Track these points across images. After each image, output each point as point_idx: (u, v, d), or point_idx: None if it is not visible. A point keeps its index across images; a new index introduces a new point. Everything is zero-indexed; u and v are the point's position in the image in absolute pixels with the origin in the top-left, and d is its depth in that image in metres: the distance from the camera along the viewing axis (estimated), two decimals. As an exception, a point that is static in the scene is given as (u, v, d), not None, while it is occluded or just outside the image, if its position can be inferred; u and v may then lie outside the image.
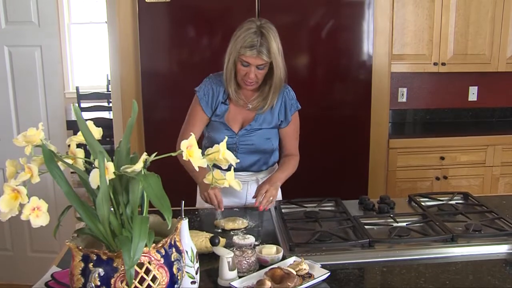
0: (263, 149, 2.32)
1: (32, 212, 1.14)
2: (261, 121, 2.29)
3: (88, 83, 7.05)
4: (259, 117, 2.28)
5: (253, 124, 2.27)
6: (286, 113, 2.31)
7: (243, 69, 2.14)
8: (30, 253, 3.63)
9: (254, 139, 2.28)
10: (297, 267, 1.56)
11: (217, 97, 2.26)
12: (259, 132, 2.29)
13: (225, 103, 2.27)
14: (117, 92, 3.36)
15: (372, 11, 3.25)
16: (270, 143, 2.32)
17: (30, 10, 3.27)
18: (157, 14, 3.15)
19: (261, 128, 2.29)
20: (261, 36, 2.08)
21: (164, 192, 1.16)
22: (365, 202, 2.24)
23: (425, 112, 4.30)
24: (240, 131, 2.28)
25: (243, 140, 2.28)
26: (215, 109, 2.27)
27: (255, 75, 2.13)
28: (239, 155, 2.28)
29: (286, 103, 2.31)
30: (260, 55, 2.08)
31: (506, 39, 3.85)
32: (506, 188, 3.80)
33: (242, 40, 2.09)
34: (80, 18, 7.19)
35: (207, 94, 2.27)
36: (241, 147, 2.29)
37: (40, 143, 1.22)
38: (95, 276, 1.17)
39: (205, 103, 2.26)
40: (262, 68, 2.13)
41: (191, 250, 1.46)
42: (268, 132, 2.31)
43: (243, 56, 2.10)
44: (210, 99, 2.26)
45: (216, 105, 2.27)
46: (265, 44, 2.08)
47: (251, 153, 2.31)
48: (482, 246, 1.82)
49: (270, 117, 2.29)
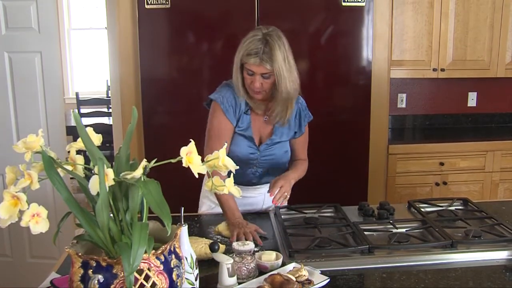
0: (282, 161, 2.28)
1: (32, 219, 1.14)
2: (281, 134, 2.23)
3: (88, 89, 7.05)
4: (277, 130, 2.22)
5: (274, 138, 2.22)
6: (301, 125, 2.27)
7: (248, 78, 2.05)
8: (29, 259, 3.62)
9: (275, 152, 2.24)
10: (297, 274, 1.56)
11: (240, 107, 2.15)
12: (279, 145, 2.24)
13: (247, 113, 2.17)
14: (117, 97, 3.36)
15: (371, 17, 3.26)
16: (288, 154, 2.30)
17: (30, 16, 3.28)
18: (157, 20, 3.16)
19: (281, 141, 2.24)
20: (265, 44, 1.99)
21: (163, 199, 1.16)
22: (365, 208, 2.24)
23: (425, 117, 4.30)
24: (262, 146, 2.22)
25: (264, 154, 2.23)
26: (238, 120, 2.16)
27: (261, 84, 2.03)
28: (259, 170, 2.25)
29: (300, 114, 2.26)
30: (262, 63, 1.98)
31: (504, 45, 3.86)
32: (506, 194, 3.80)
33: (246, 47, 2.02)
34: (80, 24, 7.21)
35: (231, 105, 2.14)
36: (261, 161, 2.24)
37: (40, 150, 1.22)
38: (95, 282, 1.16)
39: (231, 114, 2.13)
40: (267, 77, 2.02)
41: (191, 256, 1.46)
42: (286, 144, 2.29)
43: (247, 64, 2.02)
44: (234, 109, 2.14)
45: (239, 115, 2.16)
46: (268, 51, 1.98)
47: (270, 166, 2.25)
48: (481, 252, 1.81)
49: (288, 129, 2.25)
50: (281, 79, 2.02)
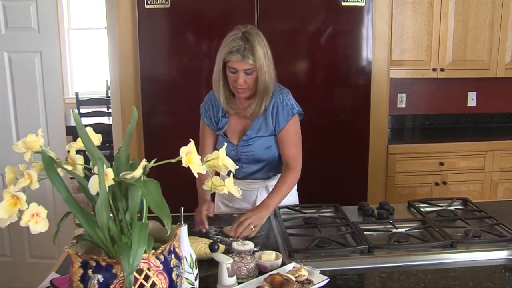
0: (265, 158, 2.28)
1: (32, 218, 1.14)
2: (257, 129, 2.24)
3: (88, 89, 7.05)
4: (255, 125, 2.24)
5: (249, 133, 2.24)
6: (279, 119, 2.22)
7: (232, 76, 2.11)
8: (29, 259, 3.62)
9: (253, 148, 2.25)
10: (296, 273, 1.56)
11: (217, 112, 2.28)
12: (258, 142, 2.25)
13: (225, 116, 2.28)
14: (117, 97, 3.36)
15: (371, 17, 3.26)
16: (271, 151, 2.27)
17: (30, 16, 3.28)
18: (156, 20, 3.16)
19: (258, 136, 2.24)
20: (245, 41, 2.05)
21: (163, 199, 1.16)
22: (364, 208, 2.24)
23: (424, 117, 4.30)
24: (239, 142, 2.26)
25: (244, 150, 2.26)
26: (217, 123, 2.30)
27: (245, 81, 2.09)
28: (244, 165, 2.30)
29: (278, 108, 2.21)
30: (244, 59, 2.05)
31: (504, 45, 3.86)
32: (505, 194, 3.80)
33: (227, 46, 2.08)
34: (80, 23, 7.21)
35: (208, 110, 2.31)
36: (243, 157, 2.28)
37: (39, 150, 1.22)
38: (94, 282, 1.16)
39: (208, 119, 2.31)
40: (250, 73, 2.08)
41: (190, 256, 1.46)
42: (268, 141, 2.25)
43: (229, 62, 2.08)
44: (211, 114, 2.30)
45: (217, 119, 2.29)
46: (249, 47, 2.05)
47: (254, 163, 2.29)
48: (481, 252, 1.81)
49: (265, 124, 2.23)
50: (262, 73, 2.10)
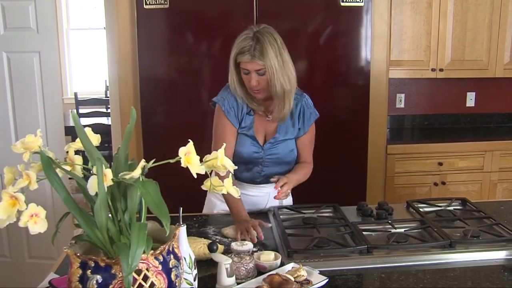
0: (288, 160, 2.27)
1: (30, 219, 1.14)
2: (284, 132, 2.23)
3: (87, 89, 7.05)
4: (281, 128, 2.23)
5: (277, 136, 2.22)
6: (304, 122, 2.25)
7: (246, 77, 2.09)
8: (28, 260, 3.62)
9: (279, 151, 2.24)
10: (295, 274, 1.56)
11: (242, 109, 2.19)
12: (283, 144, 2.24)
13: (250, 114, 2.20)
14: (116, 98, 3.36)
15: (370, 17, 3.26)
16: (293, 154, 2.28)
17: (28, 16, 3.28)
18: (155, 20, 3.16)
19: (285, 139, 2.24)
20: (256, 41, 2.02)
21: (162, 199, 1.16)
22: (363, 208, 2.24)
23: (423, 117, 4.31)
24: (266, 145, 2.22)
25: (269, 153, 2.23)
26: (241, 121, 2.20)
27: (257, 82, 2.06)
28: (265, 168, 2.25)
29: (304, 112, 2.24)
30: (254, 59, 2.01)
31: (503, 45, 3.87)
32: (504, 194, 3.81)
33: (237, 46, 2.06)
34: (79, 24, 7.20)
35: (232, 107, 2.18)
36: (267, 160, 2.24)
37: (38, 150, 1.22)
38: (93, 283, 1.16)
39: (232, 116, 2.17)
40: (262, 73, 2.04)
41: (189, 256, 1.46)
42: (292, 143, 2.27)
43: (241, 64, 2.06)
44: (236, 111, 2.18)
45: (242, 116, 2.19)
46: (259, 48, 2.01)
47: (277, 165, 2.26)
48: (480, 252, 1.82)
49: (291, 127, 2.24)
50: (273, 74, 2.04)
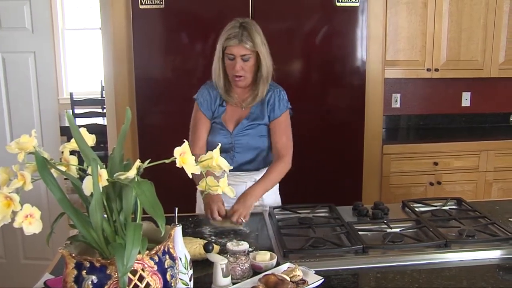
0: (258, 146, 2.34)
1: (25, 220, 1.14)
2: (254, 117, 2.32)
3: (82, 89, 7.03)
4: (251, 114, 2.32)
5: (245, 121, 2.31)
6: (274, 109, 2.32)
7: (230, 63, 2.21)
8: (23, 260, 3.60)
9: (248, 137, 2.32)
10: (291, 274, 1.56)
11: (215, 101, 2.34)
12: (253, 130, 2.32)
13: (222, 105, 2.33)
14: (111, 98, 3.36)
15: (365, 17, 3.26)
16: (264, 140, 2.35)
17: (23, 16, 3.27)
18: (151, 20, 3.16)
19: (253, 123, 2.32)
20: (243, 28, 2.18)
21: (157, 199, 1.16)
22: (359, 208, 2.25)
23: (419, 117, 4.31)
24: (235, 130, 2.31)
25: (238, 138, 2.31)
26: (213, 112, 2.34)
27: (242, 68, 2.19)
28: (236, 154, 2.32)
29: (274, 99, 2.32)
30: (241, 43, 2.16)
31: (498, 45, 3.88)
32: (499, 194, 3.82)
33: (223, 34, 2.21)
34: (74, 24, 7.19)
35: (206, 99, 2.34)
36: (237, 146, 2.32)
37: (33, 150, 1.22)
38: (88, 283, 1.16)
39: (205, 108, 2.33)
40: (247, 59, 2.19)
41: (185, 257, 1.46)
42: (262, 129, 2.34)
43: (228, 49, 2.18)
44: (209, 103, 2.34)
45: (215, 108, 2.34)
46: (247, 34, 2.17)
47: (247, 151, 2.33)
48: (475, 251, 1.82)
49: (261, 113, 2.33)
50: (262, 58, 2.22)
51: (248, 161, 2.35)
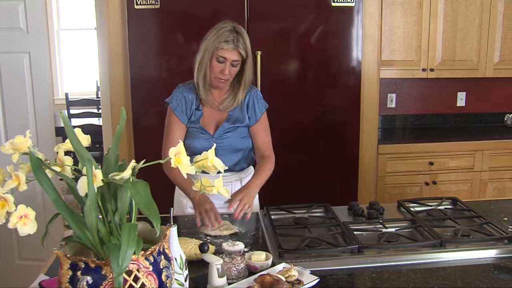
0: (241, 148, 2.34)
1: (20, 220, 1.14)
2: (234, 120, 2.32)
3: (78, 90, 7.02)
4: (231, 116, 2.32)
5: (225, 124, 2.30)
6: (255, 110, 2.35)
7: (218, 66, 2.18)
8: (18, 261, 3.59)
9: (230, 139, 2.31)
10: (287, 274, 1.56)
11: (191, 105, 2.30)
12: (234, 132, 2.32)
13: (199, 109, 2.31)
14: (107, 98, 3.35)
15: (360, 18, 3.27)
16: (246, 141, 2.35)
17: (18, 16, 3.26)
18: (146, 20, 3.15)
19: (234, 126, 2.31)
20: (237, 33, 2.17)
21: (152, 199, 1.16)
22: (355, 208, 2.25)
23: (414, 117, 4.32)
24: (216, 133, 2.30)
25: (220, 141, 2.29)
26: (190, 116, 2.30)
27: (229, 72, 2.19)
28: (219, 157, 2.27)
29: (254, 101, 2.34)
30: (237, 49, 2.15)
31: (493, 46, 3.89)
32: (494, 193, 3.83)
33: (218, 36, 2.17)
34: (70, 24, 7.17)
35: (180, 103, 2.30)
36: (219, 149, 2.25)
37: (27, 151, 1.21)
38: (83, 284, 1.16)
39: (180, 112, 2.29)
40: (235, 65, 2.19)
41: (180, 257, 1.46)
42: (243, 131, 2.34)
43: (220, 51, 2.15)
44: (184, 107, 2.29)
45: (191, 112, 2.30)
46: (241, 39, 2.17)
47: (230, 153, 2.32)
48: (470, 251, 1.83)
49: (241, 115, 2.33)
50: (249, 65, 2.24)
51: (233, 164, 2.33)
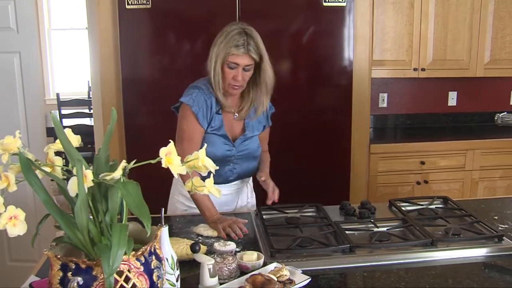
0: (256, 155, 2.33)
1: (9, 221, 1.13)
2: (252, 129, 2.29)
3: (69, 90, 6.99)
4: (248, 125, 2.27)
5: (247, 133, 2.27)
6: (268, 117, 2.35)
7: (230, 72, 2.08)
8: (9, 262, 3.57)
9: (249, 147, 2.28)
10: (278, 273, 1.56)
11: (211, 109, 2.16)
12: (252, 140, 2.29)
13: (219, 113, 2.19)
14: (98, 98, 3.34)
15: (352, 17, 3.27)
16: (260, 148, 2.36)
17: (8, 15, 3.23)
18: (137, 20, 3.14)
19: (253, 135, 2.30)
20: (246, 35, 2.05)
21: (142, 200, 1.15)
22: (346, 207, 2.25)
23: (406, 117, 4.34)
24: (236, 141, 2.24)
25: (240, 149, 2.25)
26: (210, 121, 2.18)
27: (242, 78, 2.09)
28: (236, 166, 2.27)
29: (270, 108, 2.34)
30: (249, 53, 2.05)
31: (483, 45, 3.91)
32: (485, 192, 3.85)
33: (228, 41, 2.05)
34: (60, 24, 7.14)
35: (202, 108, 2.14)
36: (239, 157, 2.26)
37: (17, 151, 1.21)
38: (74, 285, 1.15)
39: (201, 116, 2.14)
40: (248, 69, 2.09)
41: (172, 257, 1.46)
42: (257, 138, 2.34)
43: (231, 57, 2.05)
44: (205, 111, 2.15)
45: (211, 116, 2.17)
46: (252, 42, 2.05)
47: (246, 161, 2.28)
48: (461, 250, 1.83)
49: (258, 124, 2.31)
50: (266, 65, 2.13)
51: (249, 170, 2.33)
